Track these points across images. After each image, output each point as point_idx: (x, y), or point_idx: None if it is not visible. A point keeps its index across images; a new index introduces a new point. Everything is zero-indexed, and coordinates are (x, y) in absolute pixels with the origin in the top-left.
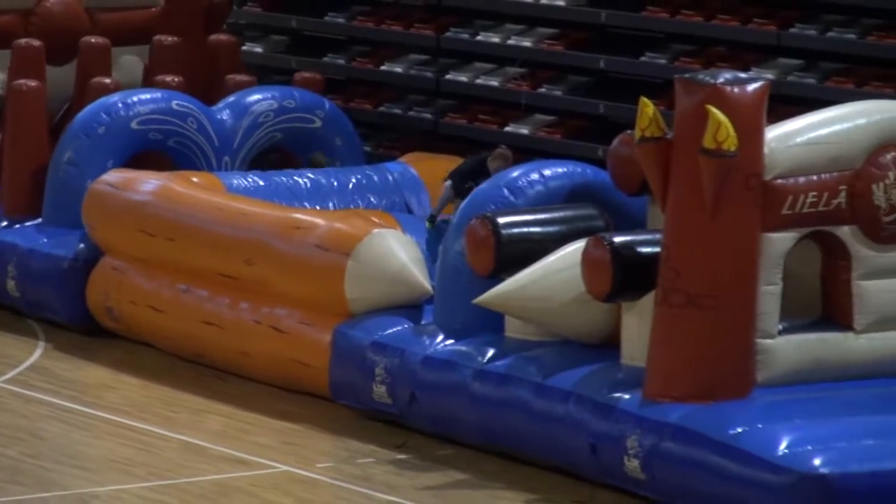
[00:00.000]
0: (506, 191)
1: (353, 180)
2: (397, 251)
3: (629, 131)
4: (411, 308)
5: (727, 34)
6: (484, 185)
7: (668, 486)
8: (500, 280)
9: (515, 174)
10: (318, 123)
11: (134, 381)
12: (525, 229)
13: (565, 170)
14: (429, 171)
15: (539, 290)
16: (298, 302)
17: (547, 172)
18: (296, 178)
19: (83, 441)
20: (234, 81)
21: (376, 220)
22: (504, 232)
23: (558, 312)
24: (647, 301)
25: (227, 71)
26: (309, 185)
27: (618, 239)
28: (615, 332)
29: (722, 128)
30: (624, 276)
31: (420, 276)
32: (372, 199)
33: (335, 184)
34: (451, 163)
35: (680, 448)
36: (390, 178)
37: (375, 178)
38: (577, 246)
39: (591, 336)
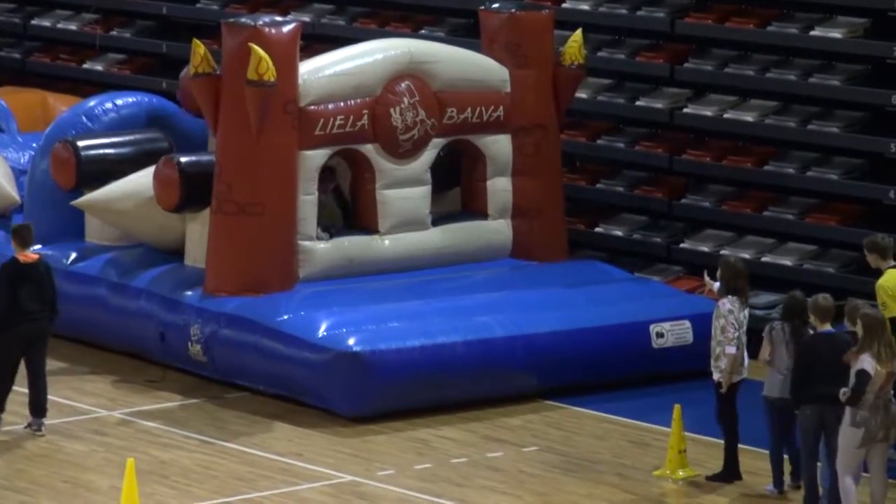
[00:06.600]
0: (84, 118)
1: None
2: None
3: None
4: (3, 218)
5: None
6: (65, 115)
7: (227, 366)
8: (82, 194)
9: (92, 104)
10: None
11: None
12: (102, 151)
13: (135, 99)
14: (16, 102)
15: (122, 200)
16: None
17: (119, 102)
18: None
19: None
20: None
21: None
22: (83, 154)
23: (136, 219)
24: (208, 211)
25: None
26: None
27: (184, 159)
28: (182, 239)
29: (262, 62)
30: (189, 191)
31: (10, 189)
32: None
33: None
34: (36, 94)
35: (235, 334)
36: None
37: None
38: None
39: (162, 241)
